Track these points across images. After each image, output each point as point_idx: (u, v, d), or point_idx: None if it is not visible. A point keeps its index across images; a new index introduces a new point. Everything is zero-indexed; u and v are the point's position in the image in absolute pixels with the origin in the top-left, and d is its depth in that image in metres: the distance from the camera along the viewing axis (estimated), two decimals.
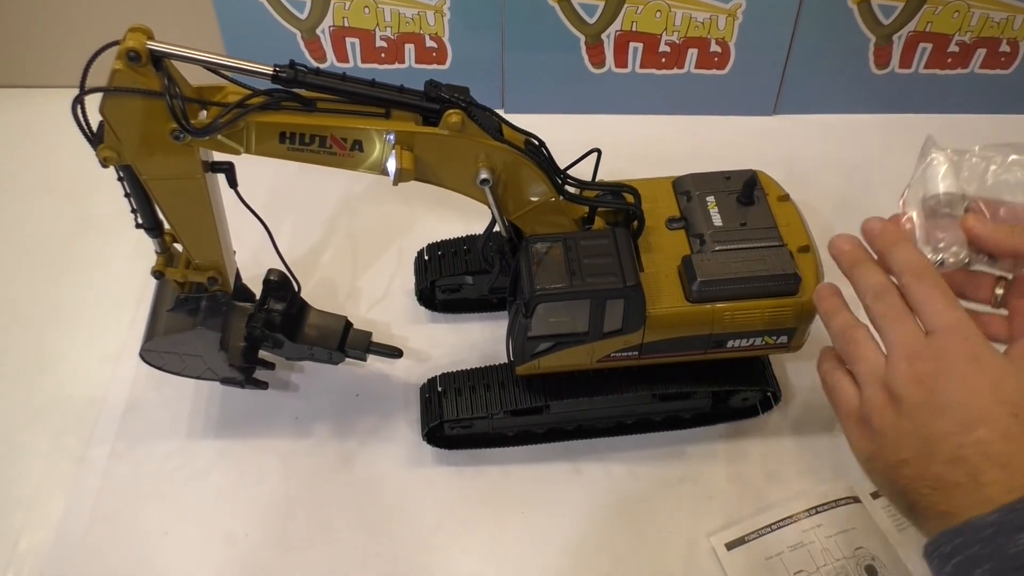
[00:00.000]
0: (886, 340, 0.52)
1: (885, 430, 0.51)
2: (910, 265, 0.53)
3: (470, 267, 0.81)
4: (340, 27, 1.01)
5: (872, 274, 0.55)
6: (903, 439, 0.50)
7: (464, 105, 0.58)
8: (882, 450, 0.52)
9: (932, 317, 0.51)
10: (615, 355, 0.68)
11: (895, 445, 0.51)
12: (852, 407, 0.54)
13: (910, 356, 0.51)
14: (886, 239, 0.56)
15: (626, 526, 0.72)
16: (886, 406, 0.51)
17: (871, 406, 0.52)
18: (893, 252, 0.54)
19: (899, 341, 0.51)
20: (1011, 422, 0.47)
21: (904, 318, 0.52)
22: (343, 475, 0.75)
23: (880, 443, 0.52)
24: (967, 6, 0.98)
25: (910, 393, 0.50)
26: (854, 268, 0.56)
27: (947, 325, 0.51)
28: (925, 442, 0.49)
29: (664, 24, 1.00)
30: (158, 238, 0.65)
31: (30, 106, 1.07)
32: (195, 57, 0.54)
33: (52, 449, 0.77)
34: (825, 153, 1.04)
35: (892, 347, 0.52)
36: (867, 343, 0.54)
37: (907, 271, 0.53)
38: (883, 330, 0.53)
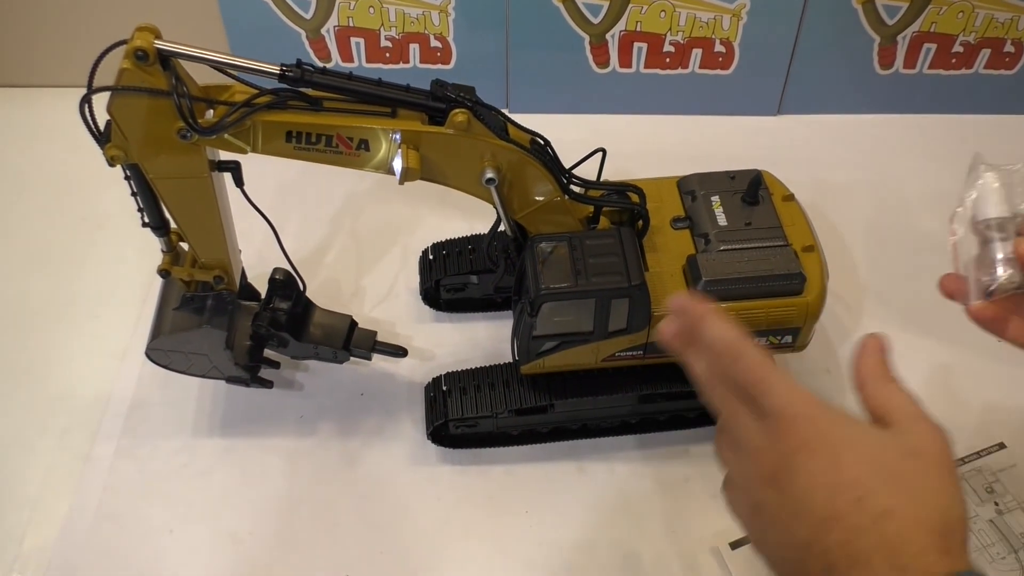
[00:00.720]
0: (761, 406, 0.46)
1: (764, 528, 0.45)
2: (723, 340, 0.48)
3: (475, 266, 0.81)
4: (345, 27, 1.01)
5: (695, 361, 0.51)
6: (780, 551, 0.44)
7: (470, 104, 0.59)
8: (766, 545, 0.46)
9: (758, 401, 0.45)
10: (620, 354, 0.68)
11: (776, 552, 0.45)
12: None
13: (756, 452, 0.45)
14: (691, 313, 0.50)
15: (630, 525, 0.72)
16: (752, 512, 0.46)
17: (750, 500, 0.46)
18: (703, 327, 0.49)
19: (777, 402, 0.45)
20: (855, 510, 0.40)
21: (738, 409, 0.47)
22: (348, 474, 0.75)
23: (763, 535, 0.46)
24: (972, 6, 0.98)
25: (766, 498, 0.44)
26: (684, 357, 0.52)
27: (776, 408, 0.44)
28: (799, 551, 0.42)
29: (668, 24, 1.00)
30: (164, 237, 0.66)
31: (38, 105, 1.08)
32: (202, 56, 0.54)
33: (57, 447, 0.77)
34: (829, 153, 1.04)
35: (770, 410, 0.45)
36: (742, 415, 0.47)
37: (721, 352, 0.48)
38: (756, 394, 0.46)
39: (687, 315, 0.49)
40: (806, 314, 0.67)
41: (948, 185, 0.98)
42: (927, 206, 0.97)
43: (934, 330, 0.85)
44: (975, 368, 0.82)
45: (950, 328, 0.85)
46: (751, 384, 0.46)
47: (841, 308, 0.86)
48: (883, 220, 0.96)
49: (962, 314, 0.86)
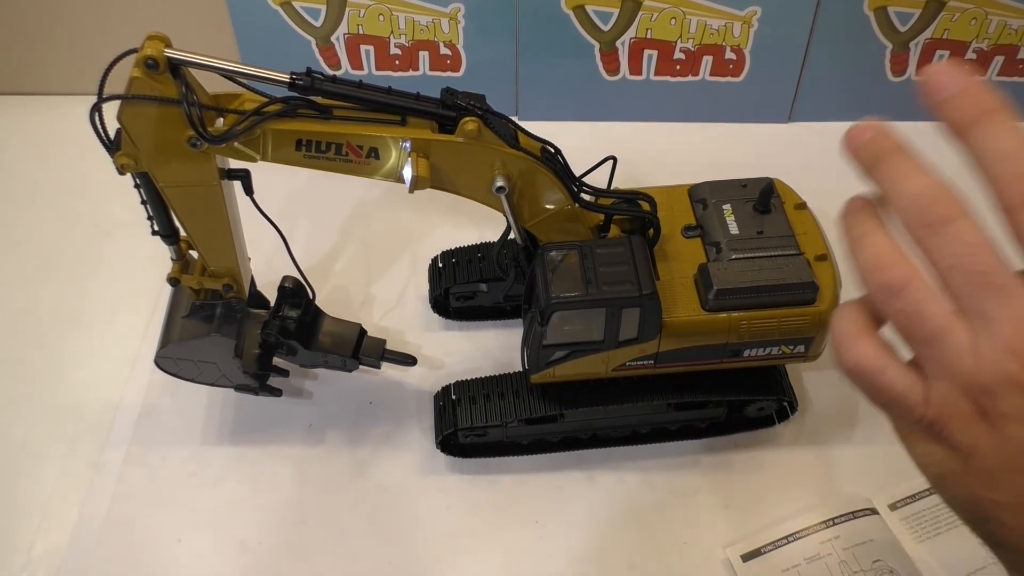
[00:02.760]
0: (973, 310, 0.33)
1: (974, 453, 0.34)
2: (1014, 162, 0.31)
3: (484, 275, 0.81)
4: (355, 34, 1.01)
5: (919, 177, 0.34)
6: (1002, 475, 0.34)
7: (480, 113, 0.58)
8: (965, 477, 0.35)
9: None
10: (630, 364, 0.68)
11: (989, 479, 0.34)
12: (913, 405, 0.35)
13: (1019, 352, 0.31)
14: (972, 103, 0.33)
15: (641, 536, 0.71)
16: (974, 420, 0.34)
17: (947, 414, 0.34)
18: (988, 133, 0.33)
19: (1003, 319, 0.32)
20: None
21: (1006, 277, 0.32)
22: (356, 482, 0.75)
23: (962, 467, 0.35)
24: (984, 13, 0.98)
25: (1022, 412, 0.32)
26: (887, 159, 0.35)
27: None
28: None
29: (679, 31, 0.99)
30: (174, 245, 0.65)
31: (48, 113, 1.08)
32: (212, 65, 0.54)
33: (67, 454, 0.77)
34: (841, 161, 1.03)
35: (990, 326, 0.32)
36: (937, 308, 0.33)
37: (1019, 178, 0.31)
38: (966, 293, 0.32)
39: (958, 99, 0.33)
40: (819, 323, 0.66)
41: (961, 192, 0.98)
42: None
43: None
44: None
45: None
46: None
47: None
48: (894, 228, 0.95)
49: None
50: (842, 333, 0.38)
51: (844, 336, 0.37)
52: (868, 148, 0.36)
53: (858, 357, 0.37)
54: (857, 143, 0.37)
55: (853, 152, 0.37)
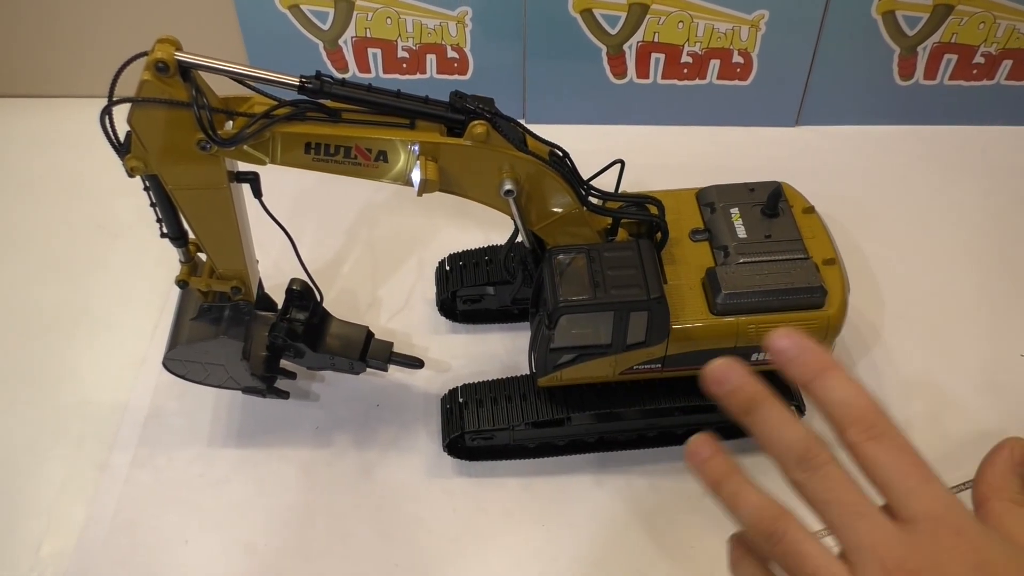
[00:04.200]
0: (843, 538, 0.37)
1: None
2: (858, 411, 0.37)
3: (491, 278, 0.81)
4: (362, 38, 1.01)
5: (790, 426, 0.38)
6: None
7: (489, 116, 0.58)
8: None
9: (906, 497, 0.36)
10: (638, 367, 0.68)
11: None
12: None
13: (890, 570, 0.35)
14: (810, 364, 0.38)
15: (648, 540, 0.71)
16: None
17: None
18: (826, 386, 0.38)
19: (867, 544, 0.36)
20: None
21: (866, 506, 0.37)
22: (363, 485, 0.75)
23: None
24: (993, 17, 0.97)
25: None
26: (759, 408, 0.39)
27: (930, 512, 0.36)
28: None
29: (686, 35, 0.99)
30: (183, 247, 0.66)
31: (56, 115, 1.09)
32: (222, 68, 0.54)
33: (74, 455, 0.77)
34: (849, 165, 1.03)
35: (857, 552, 0.36)
36: (815, 548, 0.37)
37: (854, 421, 0.37)
38: (836, 525, 0.37)
39: (802, 363, 0.39)
40: (827, 328, 0.66)
41: (968, 197, 0.98)
42: (947, 218, 0.96)
43: (954, 345, 0.84)
44: (997, 384, 0.81)
45: (971, 343, 0.84)
46: (898, 473, 0.36)
47: (861, 322, 0.85)
48: (903, 233, 0.95)
49: (984, 325, 0.85)
50: (732, 560, 0.43)
51: (732, 562, 0.43)
52: (738, 395, 0.40)
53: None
54: (724, 387, 0.40)
55: (723, 395, 0.40)
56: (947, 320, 0.86)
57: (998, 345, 0.84)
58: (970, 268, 0.91)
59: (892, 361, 0.82)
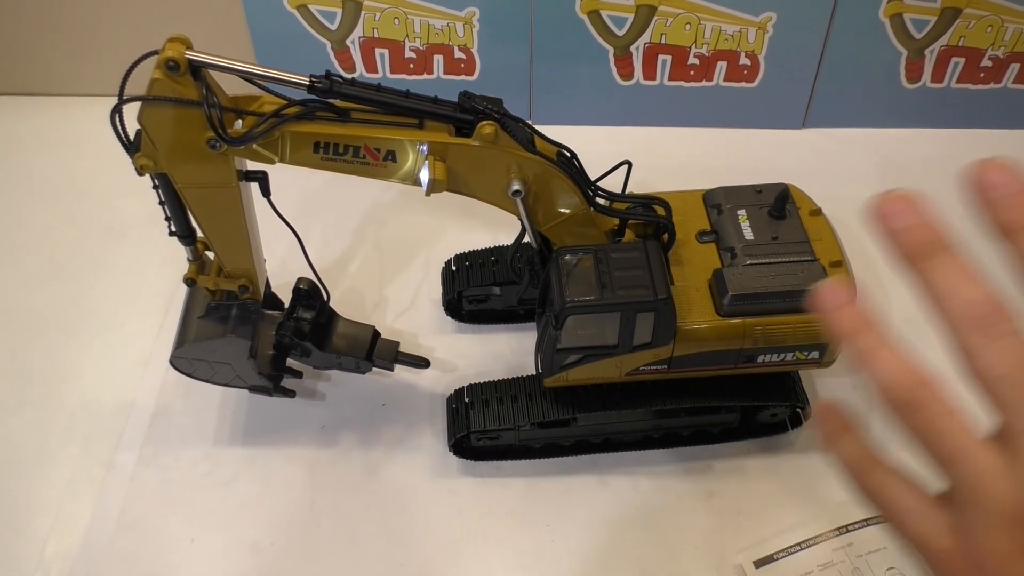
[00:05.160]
0: (1018, 427, 0.31)
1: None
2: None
3: (497, 278, 0.81)
4: (370, 38, 1.01)
5: (974, 282, 0.33)
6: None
7: (498, 116, 0.58)
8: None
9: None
10: (644, 368, 0.68)
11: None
12: (946, 549, 0.34)
13: None
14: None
15: (653, 541, 0.71)
16: (1015, 559, 0.31)
17: (993, 558, 0.31)
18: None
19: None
20: None
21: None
22: (368, 485, 0.75)
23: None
24: (1000, 21, 0.97)
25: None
26: (930, 257, 0.33)
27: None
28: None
29: (693, 36, 0.99)
30: (191, 246, 0.66)
31: (64, 114, 1.09)
32: (233, 67, 0.54)
33: (80, 454, 0.77)
34: (856, 167, 1.03)
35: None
36: (958, 424, 0.32)
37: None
38: (1008, 403, 0.31)
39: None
40: None
41: None
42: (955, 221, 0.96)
43: None
44: None
45: None
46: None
47: None
48: None
49: None
50: (826, 435, 0.37)
51: (828, 437, 0.37)
52: (913, 235, 0.34)
53: (874, 492, 0.36)
54: (895, 223, 0.34)
55: (892, 232, 0.34)
56: None
57: None
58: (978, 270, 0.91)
59: None
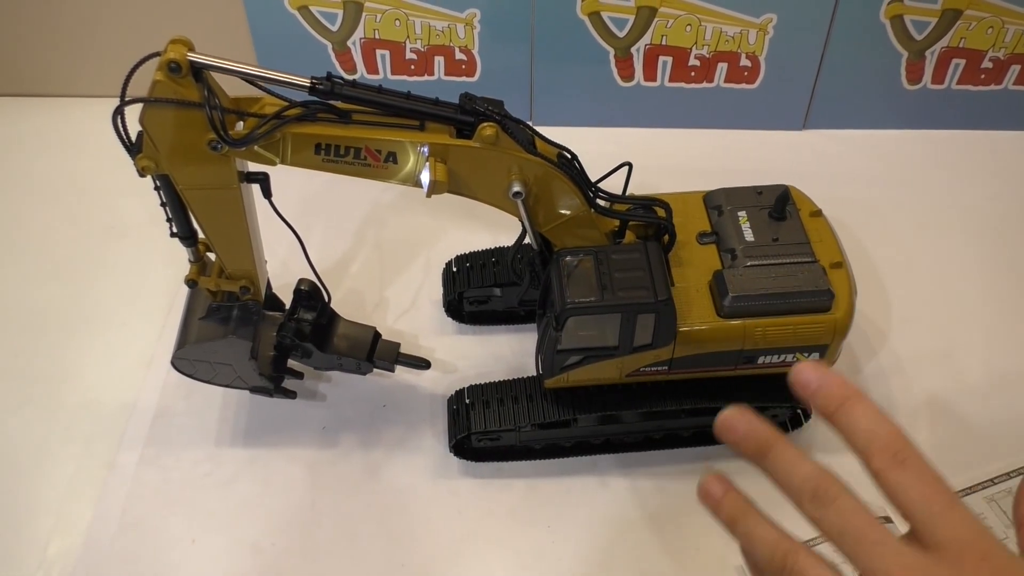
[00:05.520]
0: (861, 567, 0.37)
1: None
2: (882, 439, 0.37)
3: (498, 279, 0.81)
4: (371, 39, 1.02)
5: (801, 463, 0.39)
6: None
7: (499, 118, 0.59)
8: None
9: (931, 522, 0.36)
10: (645, 369, 0.68)
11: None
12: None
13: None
14: (834, 395, 0.39)
15: (654, 542, 0.71)
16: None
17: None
18: (850, 415, 0.38)
19: (883, 570, 0.36)
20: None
21: (883, 534, 0.36)
22: (369, 485, 0.75)
23: None
24: (1001, 22, 0.97)
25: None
26: (770, 451, 0.40)
27: (956, 537, 0.36)
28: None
29: (694, 38, 0.99)
30: (192, 247, 0.66)
31: (65, 115, 1.09)
32: (234, 69, 0.54)
33: (82, 454, 0.77)
34: (856, 168, 1.03)
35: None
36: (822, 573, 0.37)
37: (879, 449, 0.37)
38: (854, 554, 0.37)
39: (827, 393, 0.39)
40: (834, 331, 0.66)
41: (976, 202, 0.98)
42: (955, 223, 0.96)
43: (962, 348, 0.84)
44: (1006, 385, 0.80)
45: (978, 347, 0.84)
46: (922, 498, 0.36)
47: (868, 326, 0.85)
48: (910, 237, 0.95)
49: (989, 331, 0.85)
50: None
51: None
52: (750, 440, 0.41)
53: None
54: (736, 435, 0.41)
55: (735, 442, 0.41)
56: (954, 324, 0.86)
57: (1005, 349, 0.84)
58: (977, 272, 0.91)
59: (899, 365, 0.82)
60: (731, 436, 0.41)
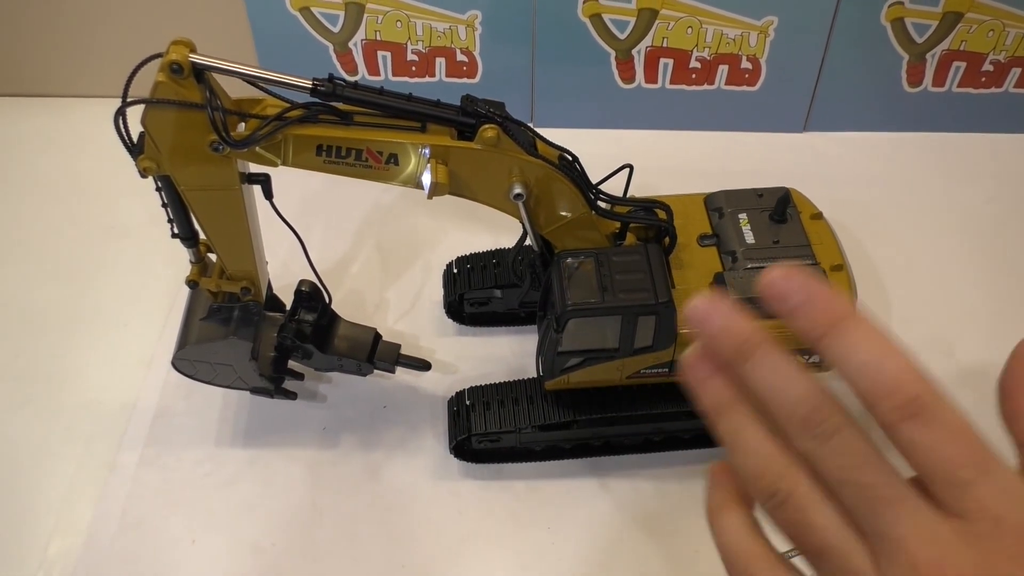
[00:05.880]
0: (866, 524, 0.29)
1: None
2: (891, 377, 0.29)
3: (499, 281, 0.81)
4: (372, 40, 1.02)
5: (794, 379, 0.30)
6: None
7: (500, 120, 0.59)
8: None
9: (959, 491, 0.28)
10: (645, 371, 0.68)
11: None
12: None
13: (923, 573, 0.28)
14: (823, 312, 0.30)
15: (654, 544, 0.71)
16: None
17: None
18: (846, 343, 0.29)
19: (897, 535, 0.28)
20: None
21: (897, 488, 0.29)
22: (370, 486, 0.75)
23: None
24: (1002, 25, 0.97)
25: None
26: (752, 354, 0.31)
27: (990, 509, 0.28)
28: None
29: (695, 40, 1.00)
30: (193, 248, 0.66)
31: (67, 115, 1.09)
32: (236, 70, 0.54)
33: (83, 454, 0.77)
34: (857, 171, 1.03)
35: (891, 547, 0.29)
36: (826, 520, 0.30)
37: (888, 392, 0.29)
38: (856, 509, 0.29)
39: (819, 308, 0.30)
40: None
41: (976, 204, 0.98)
42: (955, 225, 0.96)
43: (962, 349, 0.84)
44: None
45: (978, 348, 0.84)
46: (942, 465, 0.28)
47: None
48: (911, 239, 0.95)
49: (991, 333, 0.85)
50: (711, 506, 0.34)
51: (712, 508, 0.34)
52: (726, 338, 0.31)
53: (727, 534, 0.33)
54: (707, 328, 0.31)
55: (706, 338, 0.32)
56: (954, 326, 0.86)
57: (1005, 349, 0.84)
58: (977, 274, 0.91)
59: None
60: (703, 328, 0.31)
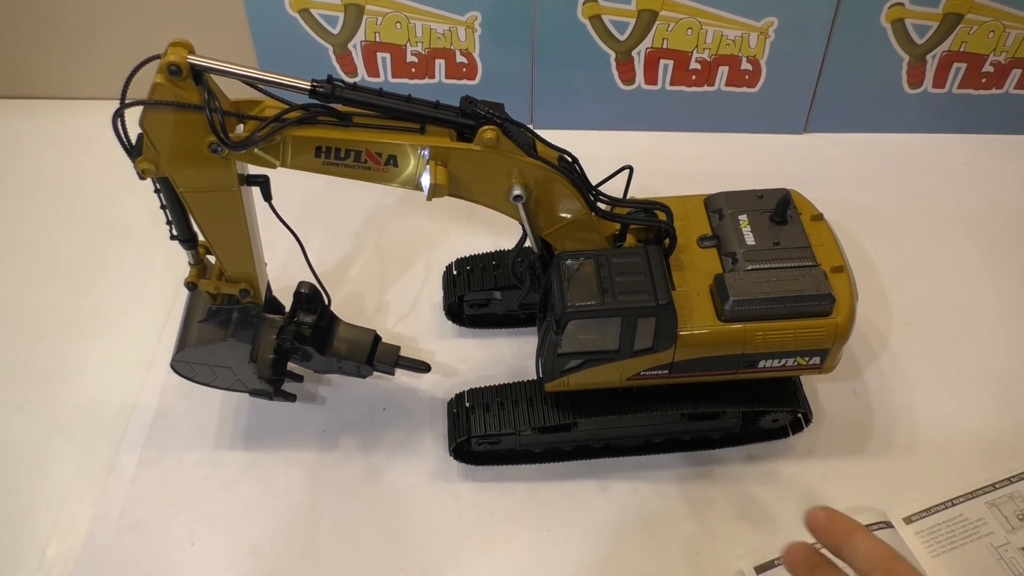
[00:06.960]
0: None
1: None
2: (879, 558, 0.48)
3: (498, 282, 0.81)
4: (372, 42, 1.02)
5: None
6: None
7: (499, 121, 0.58)
8: None
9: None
10: (645, 373, 0.68)
11: None
12: None
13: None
14: (840, 529, 0.50)
15: (653, 546, 0.71)
16: None
17: None
18: (853, 543, 0.49)
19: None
20: None
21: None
22: (369, 488, 0.75)
23: None
24: (1002, 26, 0.97)
25: None
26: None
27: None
28: None
29: (695, 41, 0.99)
30: (192, 250, 0.66)
31: (66, 117, 1.09)
32: (235, 72, 0.54)
33: (82, 456, 0.77)
34: (857, 172, 1.03)
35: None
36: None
37: (875, 566, 0.47)
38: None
39: (831, 530, 0.50)
40: (835, 335, 0.66)
41: (976, 205, 0.98)
42: (955, 226, 0.96)
43: (963, 351, 0.84)
44: (1007, 389, 0.80)
45: (978, 350, 0.84)
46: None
47: (868, 329, 0.85)
48: (911, 240, 0.95)
49: (990, 336, 0.85)
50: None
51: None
52: (799, 564, 0.51)
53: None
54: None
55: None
56: (954, 327, 0.86)
57: (1006, 352, 0.84)
58: (978, 275, 0.91)
59: (899, 368, 0.82)
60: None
